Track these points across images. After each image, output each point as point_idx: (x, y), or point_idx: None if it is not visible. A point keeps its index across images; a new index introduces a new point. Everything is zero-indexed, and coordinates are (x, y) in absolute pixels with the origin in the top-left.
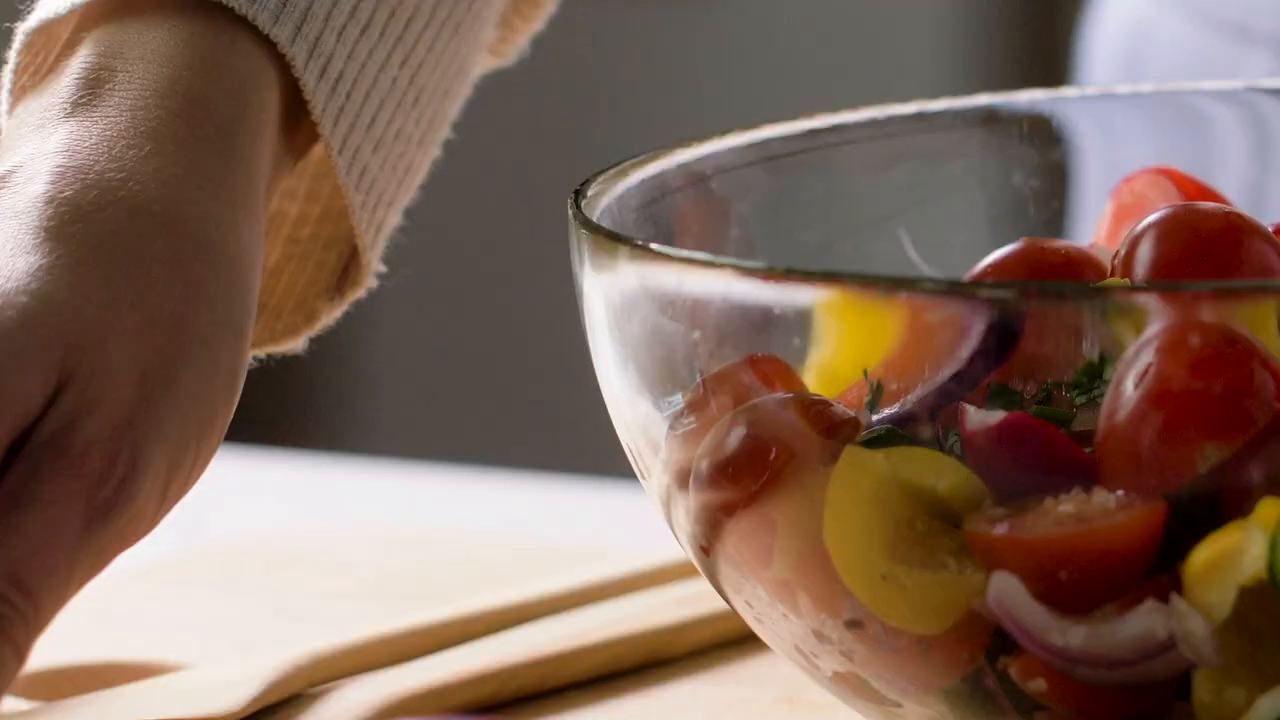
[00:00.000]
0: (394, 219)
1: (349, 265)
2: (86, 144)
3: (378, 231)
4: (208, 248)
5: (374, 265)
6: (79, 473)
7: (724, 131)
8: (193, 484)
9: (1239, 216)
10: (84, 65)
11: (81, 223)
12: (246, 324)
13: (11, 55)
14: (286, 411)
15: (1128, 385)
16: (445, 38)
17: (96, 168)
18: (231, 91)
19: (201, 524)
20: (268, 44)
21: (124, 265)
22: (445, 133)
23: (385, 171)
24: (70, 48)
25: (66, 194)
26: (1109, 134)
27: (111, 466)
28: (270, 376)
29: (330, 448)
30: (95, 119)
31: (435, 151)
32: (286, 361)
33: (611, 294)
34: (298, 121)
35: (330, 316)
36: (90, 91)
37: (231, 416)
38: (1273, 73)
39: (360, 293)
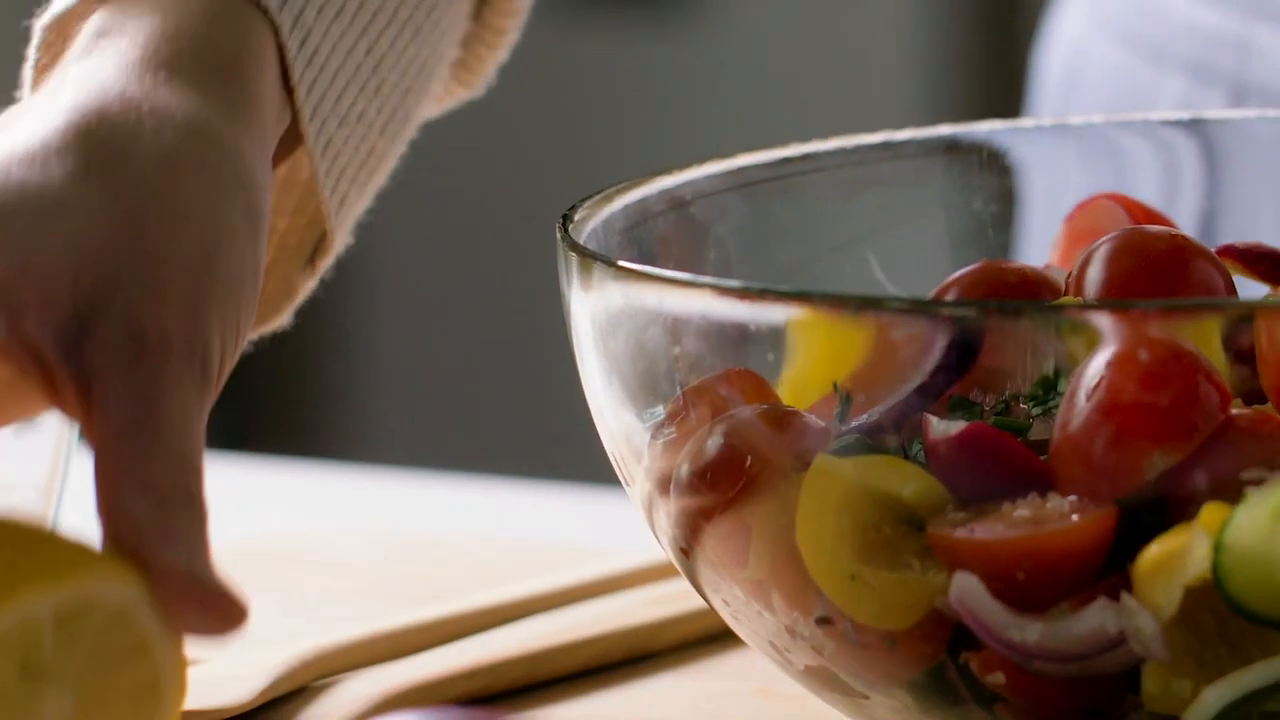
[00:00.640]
0: (358, 200)
1: (320, 241)
2: (105, 71)
3: (341, 202)
4: (228, 156)
5: (339, 233)
6: (171, 356)
7: (703, 160)
8: (231, 366)
9: (1184, 239)
10: (92, 27)
11: (109, 129)
12: (264, 225)
13: (30, 51)
14: (293, 422)
15: (1081, 397)
16: (405, 38)
17: (117, 87)
18: (234, 36)
19: (214, 528)
20: (259, 9)
21: (151, 170)
22: (409, 132)
23: (348, 148)
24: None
25: (94, 105)
26: (1057, 162)
27: (192, 346)
28: (278, 389)
29: (333, 456)
30: (109, 54)
31: (399, 147)
32: (294, 374)
33: (597, 312)
34: (285, 88)
35: (306, 287)
36: (99, 39)
37: (256, 310)
38: (1187, 95)
39: (329, 259)
